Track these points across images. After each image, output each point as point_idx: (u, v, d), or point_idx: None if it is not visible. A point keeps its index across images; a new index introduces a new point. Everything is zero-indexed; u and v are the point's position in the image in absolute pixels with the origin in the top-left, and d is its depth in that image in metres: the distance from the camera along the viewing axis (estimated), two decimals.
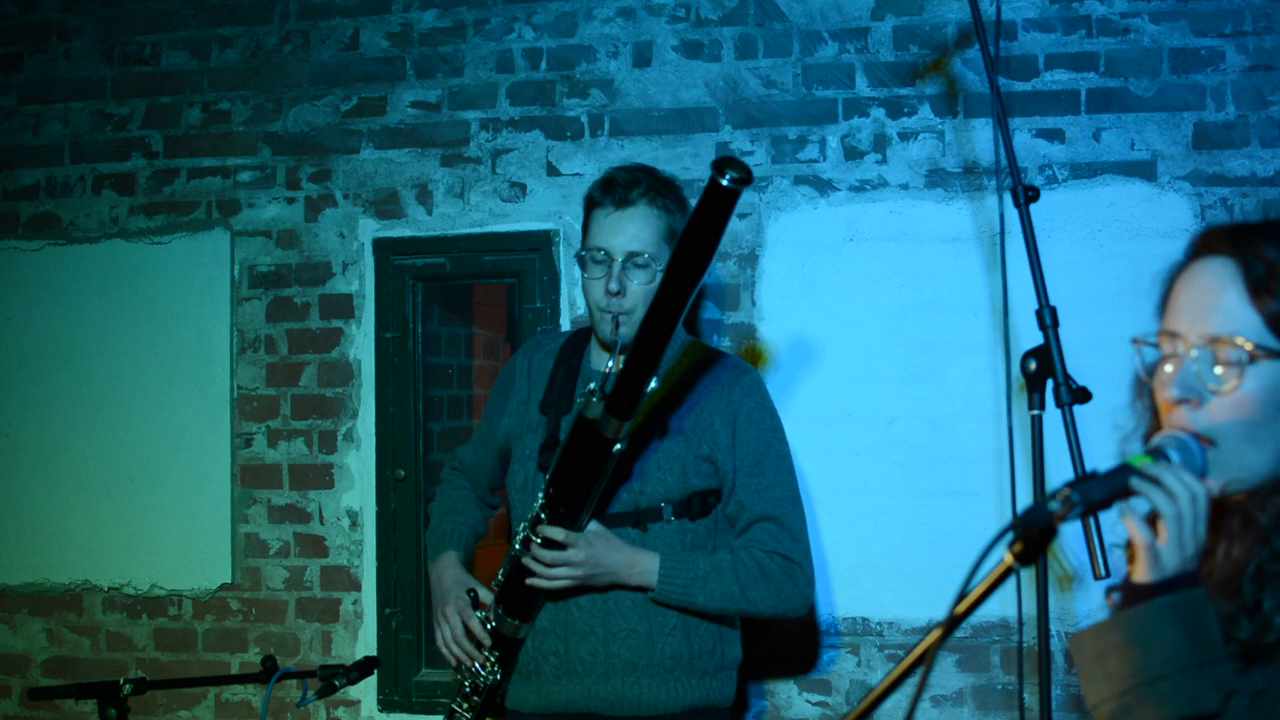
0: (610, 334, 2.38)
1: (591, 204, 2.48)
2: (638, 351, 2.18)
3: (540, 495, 2.35)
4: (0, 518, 3.85)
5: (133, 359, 3.77)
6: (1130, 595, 1.31)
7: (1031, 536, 1.27)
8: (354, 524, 3.63)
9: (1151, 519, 1.31)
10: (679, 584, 2.37)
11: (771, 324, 3.38)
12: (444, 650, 2.50)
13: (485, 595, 2.48)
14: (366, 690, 3.58)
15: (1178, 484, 1.29)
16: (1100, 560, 2.19)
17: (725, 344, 3.39)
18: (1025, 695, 3.08)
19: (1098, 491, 1.27)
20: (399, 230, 3.63)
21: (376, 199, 3.65)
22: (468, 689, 2.48)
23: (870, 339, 3.32)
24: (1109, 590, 1.35)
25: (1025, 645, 2.95)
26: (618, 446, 2.25)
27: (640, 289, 2.39)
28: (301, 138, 3.71)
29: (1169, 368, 1.37)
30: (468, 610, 2.46)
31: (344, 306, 3.67)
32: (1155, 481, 1.29)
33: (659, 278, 2.29)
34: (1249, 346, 1.31)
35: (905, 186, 3.34)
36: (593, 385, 2.25)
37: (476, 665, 2.46)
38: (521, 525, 2.40)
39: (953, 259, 3.29)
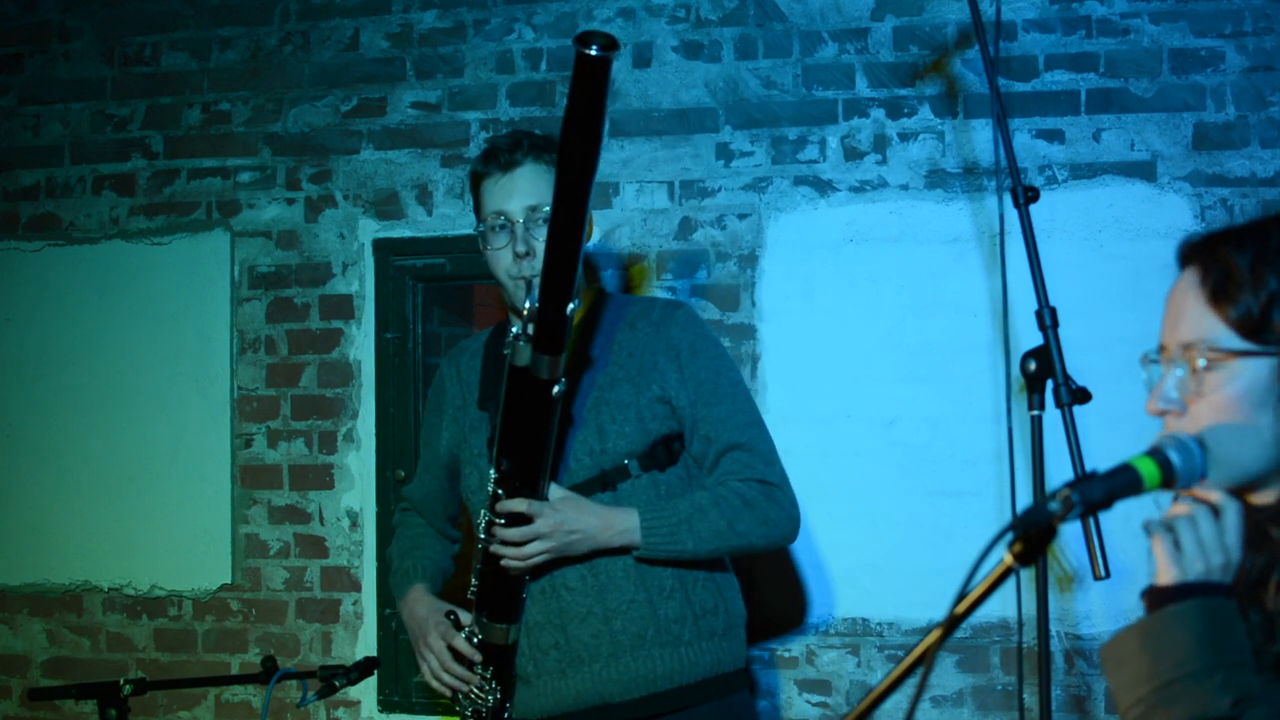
0: (525, 300, 2.21)
1: (477, 179, 2.37)
2: (548, 271, 2.06)
3: (492, 472, 2.20)
4: (0, 518, 3.85)
5: (133, 359, 3.77)
6: (1151, 600, 1.32)
7: (1031, 537, 1.27)
8: (354, 524, 3.64)
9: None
10: (664, 533, 2.24)
11: (771, 325, 3.38)
12: (434, 683, 2.35)
13: (465, 616, 2.33)
14: (366, 691, 3.58)
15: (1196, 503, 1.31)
16: (1100, 561, 2.19)
17: (725, 344, 3.39)
18: (1025, 696, 3.08)
19: (1097, 492, 1.28)
20: (399, 231, 3.63)
21: (376, 200, 3.65)
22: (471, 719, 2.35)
23: (870, 340, 3.32)
24: (1142, 594, 1.36)
25: (1025, 645, 2.95)
26: (557, 388, 2.12)
27: None
28: (301, 138, 3.71)
29: (1157, 381, 1.40)
30: (450, 632, 2.32)
31: (344, 307, 3.67)
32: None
33: None
34: (1210, 352, 1.33)
35: (905, 187, 3.34)
36: (515, 330, 2.12)
37: (474, 691, 2.32)
38: (481, 513, 2.25)
39: (953, 260, 3.29)
